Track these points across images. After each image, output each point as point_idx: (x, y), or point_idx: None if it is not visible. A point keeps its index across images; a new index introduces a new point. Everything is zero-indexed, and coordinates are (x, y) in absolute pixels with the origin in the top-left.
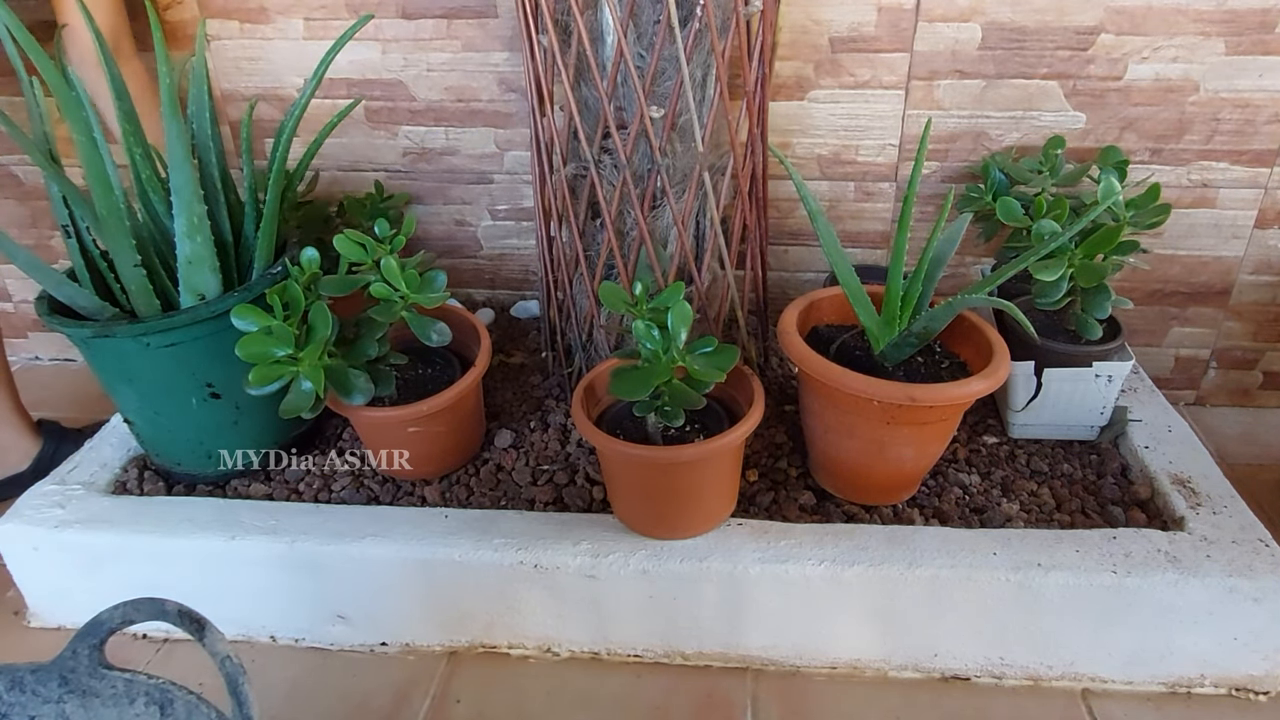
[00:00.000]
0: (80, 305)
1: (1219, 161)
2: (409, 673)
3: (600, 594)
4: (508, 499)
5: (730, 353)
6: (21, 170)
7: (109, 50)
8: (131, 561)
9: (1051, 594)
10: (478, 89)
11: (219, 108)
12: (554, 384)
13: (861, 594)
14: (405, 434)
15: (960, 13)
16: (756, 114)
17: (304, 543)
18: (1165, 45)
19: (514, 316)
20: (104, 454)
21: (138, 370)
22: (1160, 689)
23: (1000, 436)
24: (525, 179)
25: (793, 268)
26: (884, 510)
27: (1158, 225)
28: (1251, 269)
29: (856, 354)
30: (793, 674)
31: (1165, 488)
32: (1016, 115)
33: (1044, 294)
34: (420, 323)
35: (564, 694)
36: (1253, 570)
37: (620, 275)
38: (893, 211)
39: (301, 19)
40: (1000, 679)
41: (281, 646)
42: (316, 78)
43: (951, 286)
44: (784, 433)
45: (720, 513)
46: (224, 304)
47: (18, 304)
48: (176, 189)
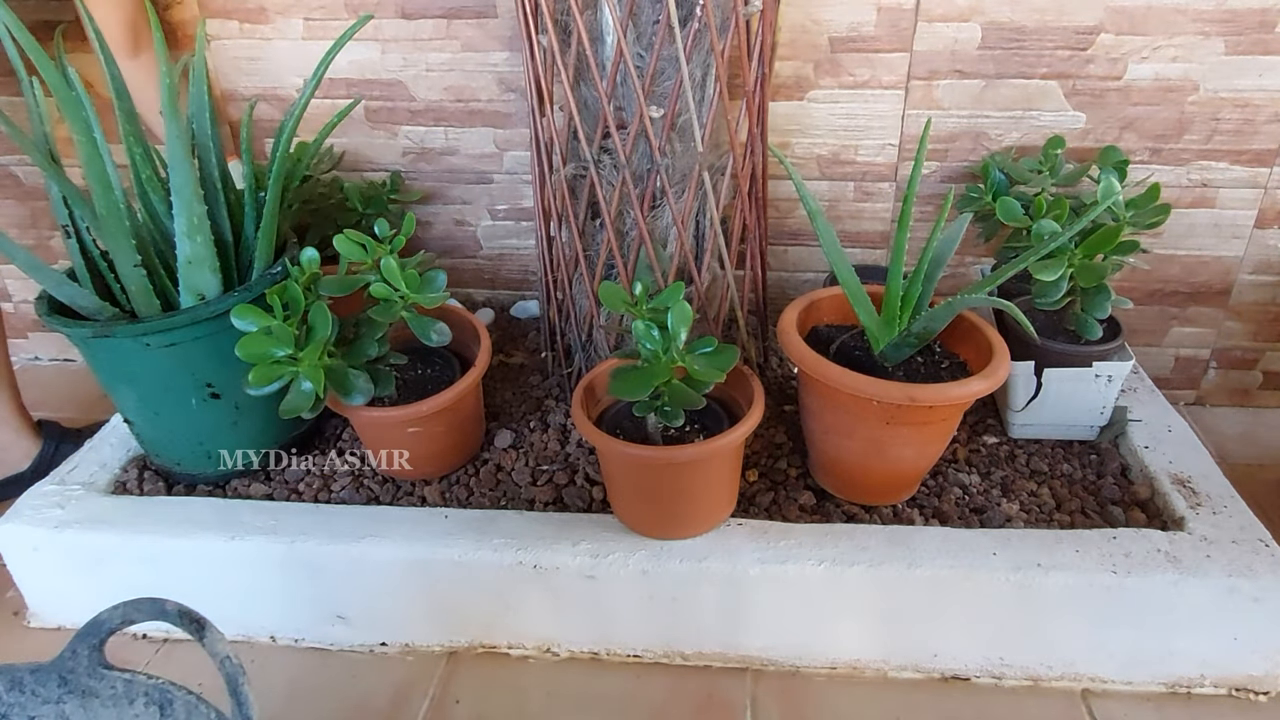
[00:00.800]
0: (80, 305)
1: (1219, 161)
2: (408, 673)
3: (600, 594)
4: (508, 499)
5: (730, 353)
6: (21, 170)
7: (108, 47)
8: (131, 561)
9: (1051, 594)
10: (477, 89)
11: (219, 107)
12: (554, 384)
13: (861, 594)
14: (405, 434)
15: (960, 12)
16: (756, 114)
17: (304, 543)
18: (1165, 45)
19: (514, 316)
20: (104, 454)
21: (138, 370)
22: (1160, 689)
23: (1000, 436)
24: (525, 179)
25: (793, 268)
26: (884, 510)
27: (1157, 225)
28: (1251, 269)
29: (856, 354)
30: (793, 674)
31: (1165, 488)
32: (1016, 115)
33: (1044, 294)
34: (420, 323)
35: (564, 694)
36: (1253, 570)
37: (620, 275)
38: (892, 211)
39: (301, 19)
40: (1000, 679)
41: (281, 646)
42: (316, 78)
43: (951, 286)
44: (784, 433)
45: (720, 513)
46: (224, 304)
47: (18, 304)
48: (176, 189)
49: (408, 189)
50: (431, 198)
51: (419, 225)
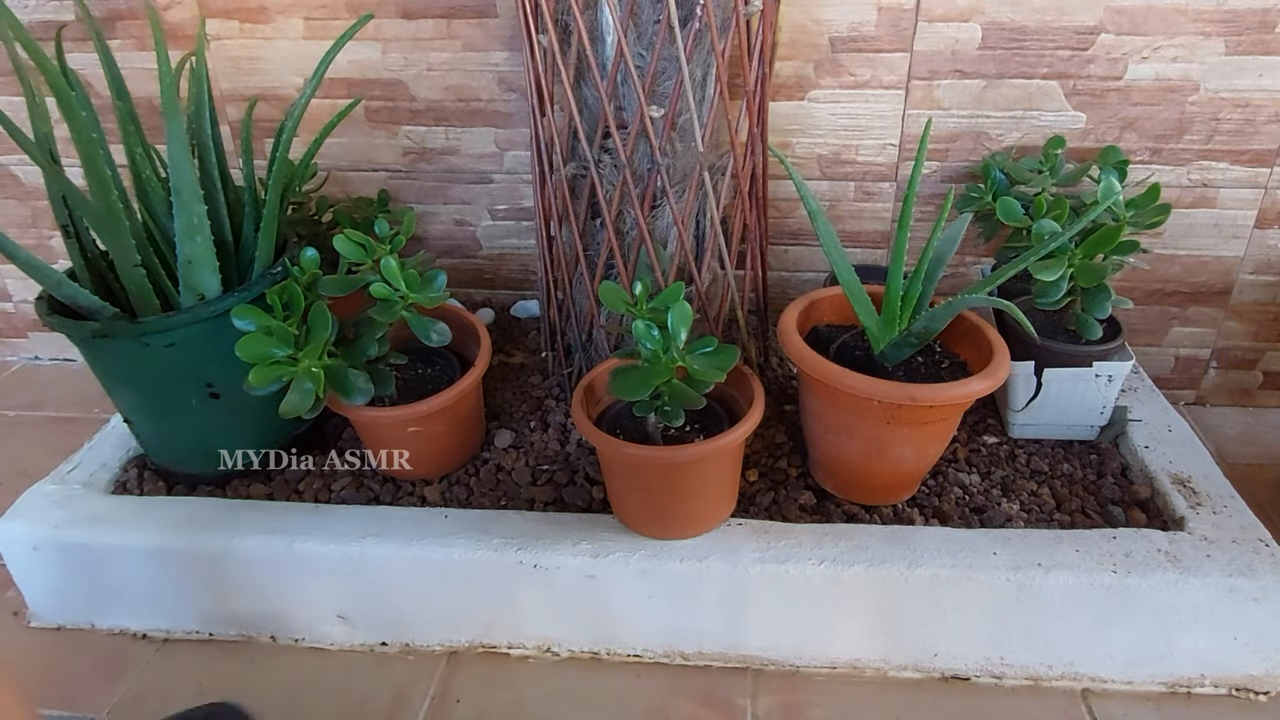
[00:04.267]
0: (80, 305)
1: (1219, 161)
2: (409, 673)
3: (600, 594)
4: (508, 499)
5: (730, 353)
6: (21, 170)
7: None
8: (131, 561)
9: (1051, 594)
10: (478, 89)
11: (219, 107)
12: (554, 384)
13: (861, 594)
14: (405, 434)
15: (960, 12)
16: (756, 114)
17: (304, 543)
18: (1165, 45)
19: (514, 316)
20: (104, 454)
21: (137, 370)
22: (1160, 689)
23: (1000, 436)
24: (525, 179)
25: (793, 268)
26: (884, 510)
27: (1158, 225)
28: (1251, 269)
29: (856, 354)
30: (793, 674)
31: (1165, 487)
32: (1016, 115)
33: (1044, 294)
34: (420, 323)
35: (564, 694)
36: (1253, 570)
37: (620, 275)
38: (893, 211)
39: (301, 19)
40: (1000, 679)
41: (281, 646)
42: (316, 78)
43: (951, 286)
44: (784, 433)
45: (720, 513)
46: (224, 304)
47: (18, 304)
48: (176, 189)
49: (398, 205)
50: (431, 198)
51: (419, 225)
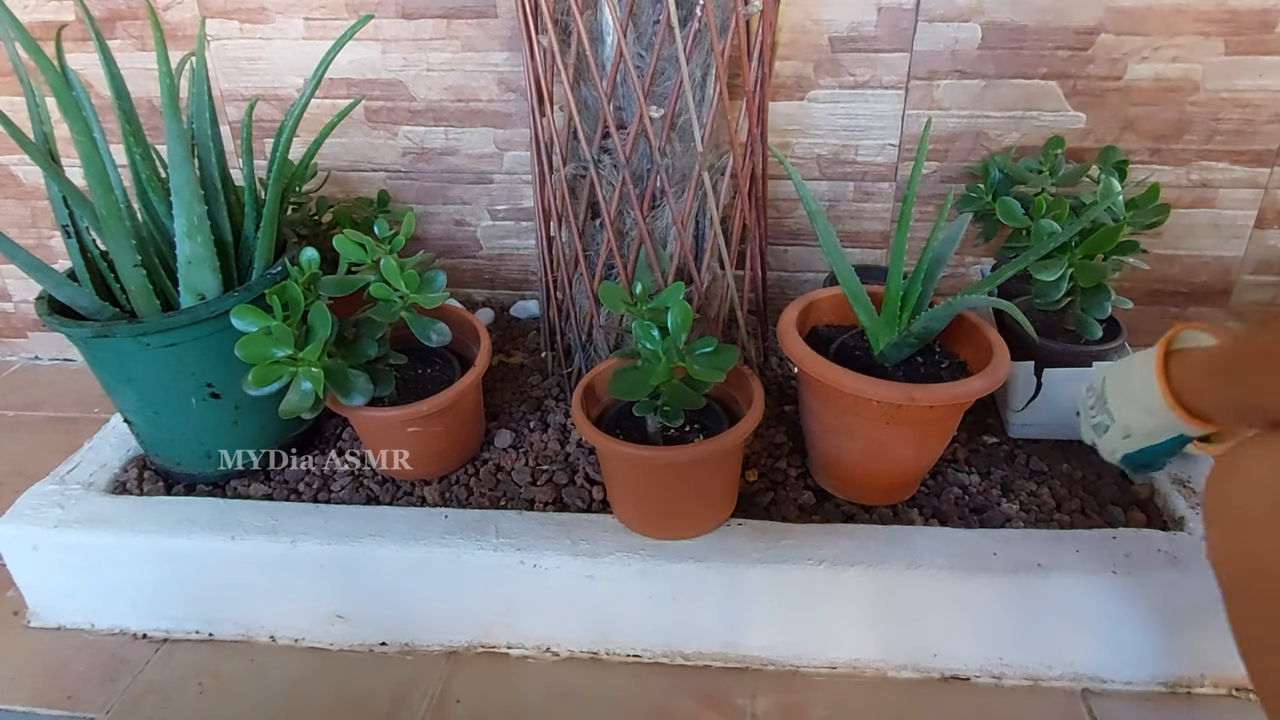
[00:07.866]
0: (80, 305)
1: (1219, 161)
2: (408, 673)
3: (600, 594)
4: (507, 499)
5: (730, 353)
6: (21, 170)
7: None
8: (131, 561)
9: (1051, 594)
10: (477, 89)
11: (219, 107)
12: (554, 384)
13: (861, 594)
14: (405, 434)
15: (960, 13)
16: (756, 114)
17: (304, 543)
18: (1165, 45)
19: (514, 316)
20: (104, 454)
21: (138, 370)
22: (1160, 689)
23: (1000, 436)
24: (525, 179)
25: (793, 268)
26: (883, 510)
27: (1157, 225)
28: (1251, 269)
29: (856, 354)
30: (793, 674)
31: (1165, 487)
32: (1016, 115)
33: (1044, 294)
34: (420, 323)
35: (563, 694)
36: None
37: (620, 275)
38: (892, 211)
39: (301, 19)
40: (1000, 679)
41: (281, 646)
42: (316, 78)
43: (951, 286)
44: (784, 433)
45: (720, 513)
46: (224, 304)
47: (18, 304)
48: (176, 189)
49: (397, 205)
50: (430, 198)
51: (419, 225)
